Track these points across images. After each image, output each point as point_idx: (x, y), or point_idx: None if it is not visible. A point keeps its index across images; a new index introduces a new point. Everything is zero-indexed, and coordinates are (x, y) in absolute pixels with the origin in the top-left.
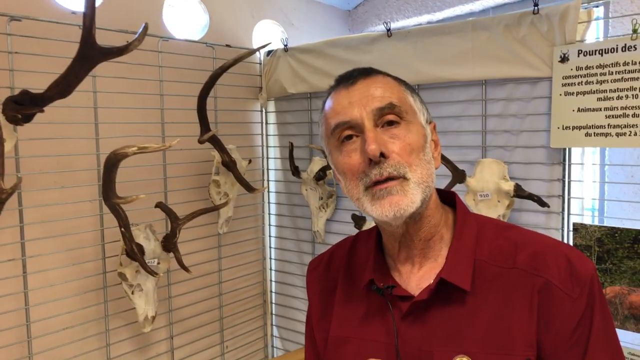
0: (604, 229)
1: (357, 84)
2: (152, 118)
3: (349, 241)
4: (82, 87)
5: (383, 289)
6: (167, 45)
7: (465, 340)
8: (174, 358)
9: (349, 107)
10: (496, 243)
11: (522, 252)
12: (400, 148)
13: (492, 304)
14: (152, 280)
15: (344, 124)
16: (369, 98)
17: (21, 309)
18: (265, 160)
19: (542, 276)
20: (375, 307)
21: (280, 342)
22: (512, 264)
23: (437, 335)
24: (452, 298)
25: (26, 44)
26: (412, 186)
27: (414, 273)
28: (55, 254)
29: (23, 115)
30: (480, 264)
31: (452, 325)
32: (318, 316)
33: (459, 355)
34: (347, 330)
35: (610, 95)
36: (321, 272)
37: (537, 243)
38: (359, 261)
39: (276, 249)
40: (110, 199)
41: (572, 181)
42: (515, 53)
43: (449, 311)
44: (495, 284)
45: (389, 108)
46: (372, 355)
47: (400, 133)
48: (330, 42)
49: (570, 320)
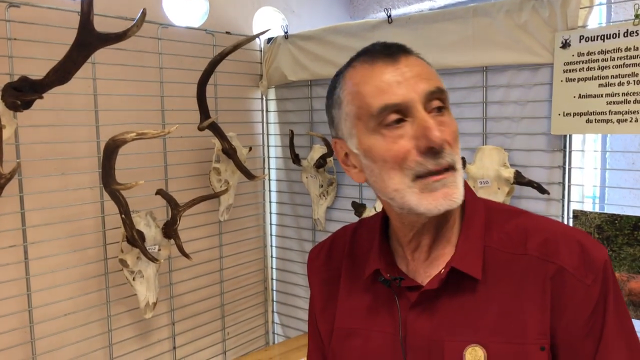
0: (604, 216)
1: (401, 62)
2: (152, 105)
3: (350, 229)
4: (82, 74)
5: (390, 281)
6: (166, 32)
7: (476, 329)
8: (176, 344)
9: (397, 86)
10: (506, 229)
11: (533, 238)
12: (450, 137)
13: (504, 291)
14: (153, 266)
15: (393, 107)
16: (417, 79)
17: (23, 294)
18: (266, 148)
19: (555, 262)
20: (381, 297)
21: (281, 328)
22: (522, 251)
23: (447, 325)
24: (462, 286)
25: (25, 31)
26: (459, 177)
27: (422, 261)
28: (57, 241)
29: (22, 101)
30: (490, 251)
31: (463, 314)
32: (321, 307)
33: (471, 345)
34: (353, 322)
35: (612, 82)
36: (322, 261)
37: (548, 229)
38: (362, 250)
39: (277, 237)
40: (110, 185)
41: (573, 168)
42: (516, 39)
43: (459, 300)
44: (506, 271)
45: (438, 92)
46: (380, 346)
47: (447, 121)
48: (331, 29)
49: (584, 308)
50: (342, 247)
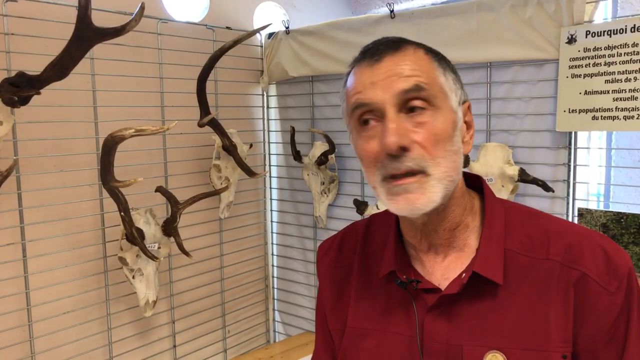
0: (610, 214)
1: (383, 61)
2: (152, 101)
3: (362, 226)
4: (81, 70)
5: (407, 283)
6: (166, 28)
7: (497, 335)
8: (176, 342)
9: (371, 87)
10: (526, 231)
11: (555, 242)
12: (425, 138)
13: (525, 297)
14: (153, 264)
15: (364, 106)
16: (393, 78)
17: (21, 292)
18: (267, 144)
19: (578, 269)
20: (396, 298)
21: (282, 327)
22: (544, 255)
23: (466, 330)
24: (483, 291)
25: (22, 26)
26: (433, 183)
27: (439, 263)
28: (55, 238)
29: (19, 97)
30: (511, 254)
31: (483, 319)
32: (331, 305)
33: (491, 351)
34: (366, 322)
35: (618, 78)
36: (332, 258)
37: (570, 233)
38: (375, 248)
39: (278, 234)
40: (108, 182)
41: (578, 166)
42: (521, 34)
43: (479, 305)
44: (528, 276)
45: (416, 90)
46: (394, 348)
47: (426, 121)
48: (332, 24)
49: (607, 315)
50: (354, 244)
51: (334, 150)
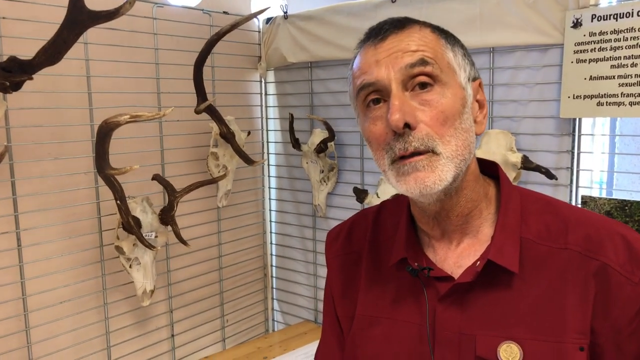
0: (614, 201)
1: (387, 40)
2: (148, 88)
3: (372, 212)
4: (74, 55)
5: (419, 271)
6: (162, 12)
7: (511, 325)
8: (174, 331)
9: (376, 66)
10: (543, 219)
11: (574, 231)
12: (431, 117)
13: (541, 286)
14: (150, 253)
15: (369, 86)
16: (398, 54)
17: (17, 282)
18: (265, 132)
19: (599, 259)
20: (407, 286)
21: (280, 315)
22: (563, 244)
23: (479, 319)
24: (497, 280)
25: (13, 9)
26: (443, 161)
27: (452, 250)
28: (51, 227)
29: (11, 82)
30: (527, 243)
31: (497, 308)
32: (340, 292)
33: (505, 342)
34: (376, 310)
35: (625, 63)
36: (341, 244)
37: (589, 222)
38: (386, 235)
39: (276, 223)
40: (104, 170)
41: (582, 153)
42: (525, 19)
43: (493, 293)
44: (545, 265)
45: (421, 64)
46: (402, 337)
47: (433, 98)
48: (332, 9)
49: (630, 306)
50: (364, 231)
51: (334, 137)
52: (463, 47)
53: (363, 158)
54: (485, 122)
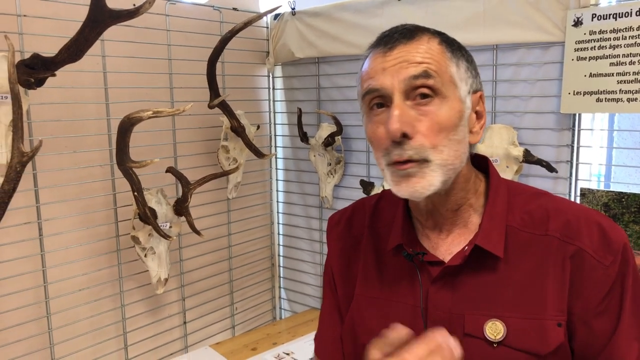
0: (611, 194)
1: (396, 49)
2: (161, 83)
3: (373, 199)
4: (91, 51)
5: (413, 255)
6: (174, 9)
7: (497, 304)
8: (186, 319)
9: (382, 74)
10: (527, 209)
11: (554, 219)
12: (428, 127)
13: (524, 270)
14: (165, 243)
15: (374, 91)
16: (403, 64)
17: (38, 270)
18: (272, 126)
19: (575, 244)
20: (402, 270)
21: (287, 304)
22: (544, 231)
23: (468, 300)
24: (484, 264)
25: (34, 7)
26: (433, 168)
27: (442, 239)
28: (69, 218)
29: (35, 79)
30: (512, 230)
31: (483, 290)
32: (340, 271)
33: (491, 319)
34: (373, 291)
35: (623, 60)
36: (342, 228)
37: (569, 211)
38: (384, 222)
39: (284, 214)
40: (124, 163)
41: (581, 147)
42: (527, 17)
43: (480, 276)
44: (527, 251)
45: (424, 77)
46: (398, 316)
47: (431, 110)
48: (339, 6)
49: (600, 288)
50: (364, 216)
51: (342, 131)
52: (469, 59)
53: (369, 151)
54: (482, 133)
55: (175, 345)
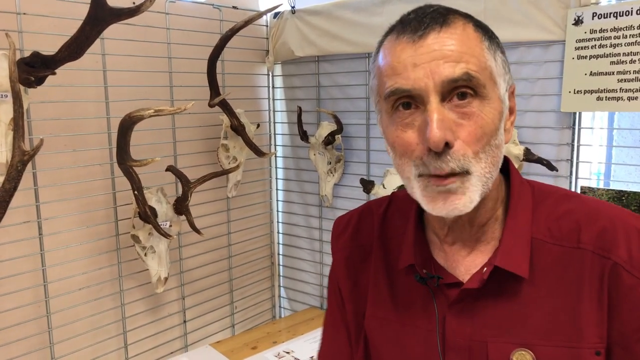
0: (611, 192)
1: (428, 38)
2: (161, 81)
3: (382, 205)
4: (91, 50)
5: (427, 279)
6: (174, 7)
7: (523, 331)
8: (186, 318)
9: (413, 70)
10: (555, 216)
11: (586, 228)
12: (469, 133)
13: (554, 290)
14: (165, 242)
15: (403, 92)
16: (440, 62)
17: (38, 269)
18: (272, 124)
19: (611, 258)
20: (416, 290)
21: (287, 302)
22: (575, 243)
23: (490, 325)
24: (507, 285)
25: (34, 5)
26: (474, 181)
27: (463, 256)
28: (69, 217)
29: (35, 77)
30: (538, 244)
31: (508, 314)
32: (348, 287)
33: (518, 349)
34: (386, 312)
35: (624, 59)
36: (348, 238)
37: (603, 216)
38: (395, 232)
39: (283, 213)
40: (125, 161)
41: (581, 145)
42: (528, 15)
43: (504, 299)
44: (557, 267)
45: (464, 80)
46: (413, 342)
47: (473, 112)
48: (339, 4)
49: None
50: (371, 225)
51: (342, 130)
52: (503, 50)
53: (369, 150)
54: (512, 130)
55: (175, 344)
